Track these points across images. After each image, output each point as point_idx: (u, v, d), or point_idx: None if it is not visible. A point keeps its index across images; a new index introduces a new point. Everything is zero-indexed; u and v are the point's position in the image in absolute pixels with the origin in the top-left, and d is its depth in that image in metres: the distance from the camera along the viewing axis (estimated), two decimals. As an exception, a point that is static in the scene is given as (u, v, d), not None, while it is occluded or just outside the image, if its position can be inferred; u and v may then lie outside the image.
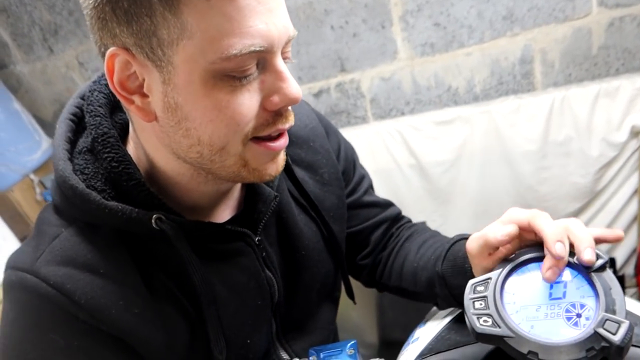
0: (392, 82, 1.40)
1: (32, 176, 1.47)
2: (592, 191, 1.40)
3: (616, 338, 0.43)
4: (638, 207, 1.41)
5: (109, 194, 0.53)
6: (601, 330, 0.44)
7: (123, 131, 0.59)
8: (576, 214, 1.43)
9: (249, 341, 0.62)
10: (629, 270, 1.46)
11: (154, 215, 0.52)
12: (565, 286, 0.48)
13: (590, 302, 0.47)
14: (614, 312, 0.45)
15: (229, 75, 0.46)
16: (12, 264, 0.53)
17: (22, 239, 1.34)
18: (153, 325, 0.54)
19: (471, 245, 0.58)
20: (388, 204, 0.82)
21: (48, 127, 1.61)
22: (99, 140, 0.54)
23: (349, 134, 1.48)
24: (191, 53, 0.45)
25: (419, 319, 0.74)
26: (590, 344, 0.44)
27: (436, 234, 0.77)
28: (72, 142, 0.57)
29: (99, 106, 0.56)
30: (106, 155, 0.53)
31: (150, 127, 0.52)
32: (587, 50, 1.25)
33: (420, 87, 1.39)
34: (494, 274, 0.51)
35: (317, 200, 0.69)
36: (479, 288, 0.51)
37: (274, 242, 0.65)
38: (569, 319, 0.46)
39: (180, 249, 0.54)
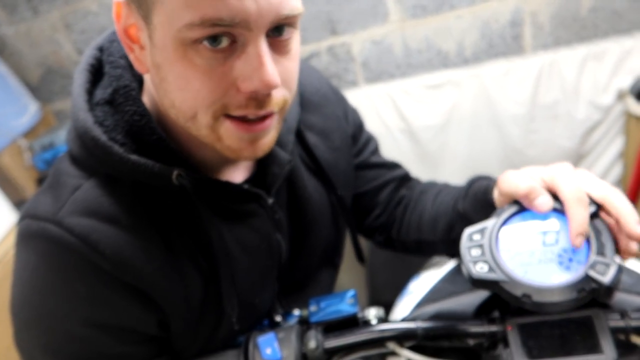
0: (383, 45, 1.39)
1: (20, 141, 1.45)
2: (578, 154, 1.43)
3: (605, 279, 0.45)
4: (622, 169, 1.45)
5: (130, 147, 0.52)
6: (591, 272, 0.46)
7: (140, 84, 0.58)
8: (562, 176, 1.46)
9: (257, 300, 0.64)
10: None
11: (175, 171, 0.52)
12: (558, 233, 0.51)
13: (582, 247, 0.49)
14: (603, 255, 0.47)
15: (201, 47, 0.45)
16: (32, 213, 0.53)
17: (16, 204, 1.33)
18: (171, 278, 0.55)
19: (515, 185, 0.55)
20: (395, 165, 0.83)
21: (35, 91, 1.58)
22: (121, 92, 0.53)
23: (339, 98, 1.48)
24: (164, 17, 0.45)
25: (409, 280, 0.76)
26: (582, 285, 0.46)
27: (447, 185, 0.78)
28: (91, 92, 0.56)
29: (120, 57, 0.55)
30: (128, 108, 0.53)
31: (147, 79, 0.52)
32: (576, 12, 1.25)
33: (411, 51, 1.39)
34: (489, 223, 0.53)
35: (327, 166, 0.69)
36: (475, 237, 0.53)
37: (284, 205, 0.66)
38: (561, 263, 0.49)
39: (199, 205, 0.54)
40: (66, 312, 0.52)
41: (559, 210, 0.51)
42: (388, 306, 0.76)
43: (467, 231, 0.53)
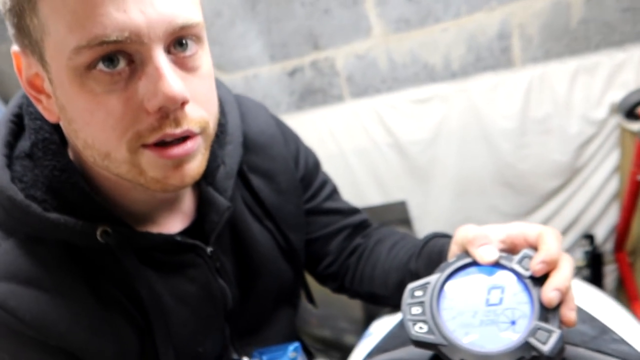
0: (367, 59, 1.36)
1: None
2: (572, 168, 1.38)
3: (546, 348, 0.42)
4: (618, 184, 1.39)
5: (50, 204, 0.50)
6: (532, 340, 0.42)
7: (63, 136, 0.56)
8: (556, 191, 1.42)
9: (200, 349, 0.61)
10: (609, 247, 1.45)
11: (99, 229, 0.50)
12: (502, 291, 0.47)
13: (525, 308, 0.45)
14: (547, 320, 0.44)
15: (96, 72, 0.42)
16: None
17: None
18: (103, 337, 0.53)
19: (465, 232, 0.52)
20: (352, 211, 0.79)
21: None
22: (39, 146, 0.51)
23: (325, 113, 1.45)
24: (53, 49, 0.42)
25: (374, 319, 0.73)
26: (521, 353, 0.43)
27: (406, 235, 0.74)
28: (12, 145, 0.53)
29: None
30: (47, 162, 0.50)
31: (62, 127, 0.50)
32: (566, 24, 1.21)
33: (396, 65, 1.35)
34: (432, 279, 0.50)
35: (273, 209, 0.67)
36: (417, 293, 0.49)
37: (228, 251, 0.63)
38: (503, 326, 0.45)
39: (127, 263, 0.52)
40: None
41: (507, 266, 0.48)
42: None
43: (410, 286, 0.50)
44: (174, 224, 0.59)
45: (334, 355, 1.76)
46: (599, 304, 0.62)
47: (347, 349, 0.90)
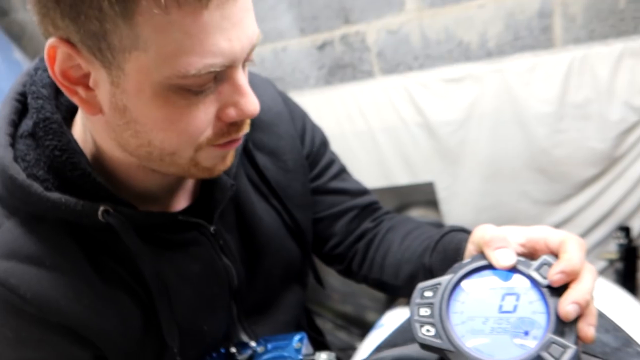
0: (399, 35, 1.31)
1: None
2: (611, 157, 1.31)
3: (558, 364, 0.39)
4: (660, 175, 1.32)
5: (52, 183, 0.50)
6: (544, 354, 0.40)
7: (69, 113, 0.55)
8: (592, 180, 1.35)
9: (205, 328, 0.61)
10: (645, 240, 1.39)
11: (101, 208, 0.50)
12: (517, 299, 0.45)
13: (540, 319, 0.43)
14: (562, 334, 0.41)
15: (183, 89, 0.44)
16: None
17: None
18: (105, 315, 0.53)
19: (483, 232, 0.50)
20: (360, 192, 0.77)
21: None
22: (41, 126, 0.51)
23: (354, 89, 1.42)
24: (144, 65, 0.42)
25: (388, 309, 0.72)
26: (531, 366, 0.41)
27: (420, 225, 0.72)
28: (17, 124, 0.53)
29: (42, 87, 0.52)
30: (48, 142, 0.50)
31: (96, 118, 0.49)
32: (614, 3, 1.12)
33: (429, 41, 1.30)
34: (444, 280, 0.47)
35: (279, 188, 0.66)
36: (427, 293, 0.47)
37: (233, 229, 0.63)
38: (515, 335, 0.43)
39: (128, 242, 0.52)
40: None
41: (524, 272, 0.45)
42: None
43: (420, 286, 0.48)
44: (178, 203, 0.59)
45: (355, 332, 1.78)
46: (626, 312, 0.59)
47: (368, 326, 0.90)
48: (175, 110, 0.45)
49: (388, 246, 0.71)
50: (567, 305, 0.41)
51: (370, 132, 1.47)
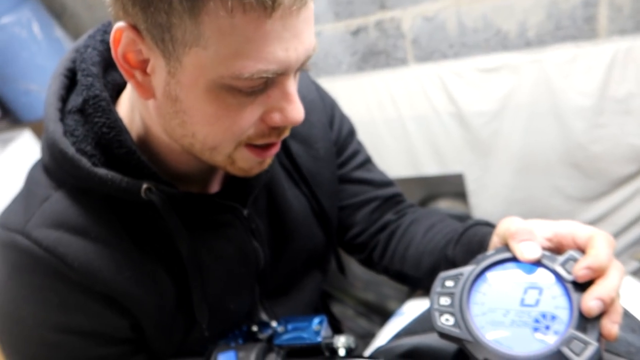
0: (435, 22, 1.28)
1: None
2: (652, 155, 1.26)
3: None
4: None
5: (99, 159, 0.52)
6: (565, 349, 0.40)
7: (116, 91, 0.57)
8: (630, 178, 1.31)
9: (232, 306, 0.63)
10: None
11: (144, 186, 0.51)
12: (540, 293, 0.44)
13: (563, 314, 0.42)
14: (585, 331, 0.40)
15: (236, 91, 0.45)
16: (3, 223, 0.54)
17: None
18: (144, 287, 0.55)
19: (508, 224, 0.50)
20: (384, 184, 0.77)
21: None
22: (90, 103, 0.52)
23: (386, 76, 1.40)
24: (202, 61, 0.43)
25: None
26: (551, 361, 0.40)
27: (445, 218, 0.72)
28: (65, 99, 0.55)
29: (92, 65, 0.54)
30: (97, 119, 0.52)
31: (148, 102, 0.51)
32: (665, -7, 1.07)
33: (466, 29, 1.27)
34: (466, 270, 0.47)
35: (310, 175, 0.67)
36: (448, 283, 0.47)
37: (263, 213, 0.65)
38: (536, 329, 0.42)
39: (168, 220, 0.54)
40: (40, 320, 0.53)
41: (549, 266, 0.44)
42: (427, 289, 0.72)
43: (441, 275, 0.48)
44: (213, 186, 0.60)
45: (376, 320, 1.78)
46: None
47: (389, 315, 0.90)
48: (224, 107, 0.46)
49: (411, 238, 0.71)
50: (590, 300, 0.40)
51: (400, 120, 1.46)
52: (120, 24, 0.45)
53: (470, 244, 0.60)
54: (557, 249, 0.47)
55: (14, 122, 1.60)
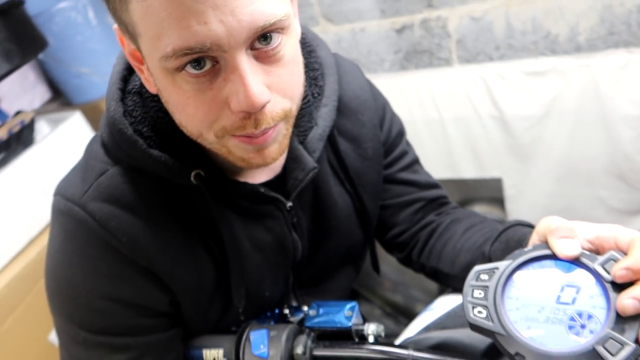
0: (482, 22, 1.26)
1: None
2: None
3: (614, 360, 0.38)
4: None
5: (154, 141, 0.54)
6: (600, 349, 0.39)
7: None
8: (679, 192, 1.26)
9: (267, 294, 0.65)
10: None
11: (194, 171, 0.54)
12: (577, 291, 0.43)
13: (600, 314, 0.41)
14: (622, 331, 0.39)
15: (184, 73, 0.44)
16: (62, 192, 0.57)
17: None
18: (186, 267, 0.57)
19: (549, 221, 0.49)
20: (429, 186, 0.77)
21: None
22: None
23: (429, 75, 1.39)
24: (145, 49, 0.45)
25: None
26: (585, 359, 0.39)
27: (486, 219, 0.71)
28: (127, 80, 0.58)
29: None
30: (154, 104, 0.54)
31: None
32: None
33: (514, 31, 1.25)
34: (502, 264, 0.47)
35: (356, 175, 0.67)
36: (483, 276, 0.47)
37: (307, 208, 0.66)
38: (571, 327, 0.42)
39: (213, 205, 0.55)
40: (88, 286, 0.56)
41: (588, 266, 0.44)
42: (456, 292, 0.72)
43: (476, 268, 0.48)
44: (259, 176, 0.61)
45: (402, 322, 1.77)
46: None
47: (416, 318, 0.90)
48: (183, 94, 0.46)
49: (450, 236, 0.71)
50: (626, 299, 0.39)
51: (440, 121, 1.44)
52: (114, 26, 0.49)
53: (508, 242, 0.59)
54: (597, 252, 0.46)
55: (64, 104, 1.67)
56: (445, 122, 1.44)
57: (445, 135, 1.46)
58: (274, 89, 0.46)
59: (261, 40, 0.44)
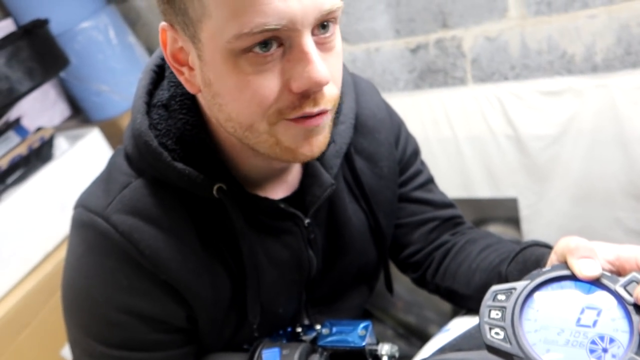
0: (498, 42, 1.27)
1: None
2: None
3: (638, 387, 0.37)
4: None
5: (178, 154, 0.55)
6: (623, 375, 0.38)
7: None
8: (700, 214, 1.23)
9: (281, 310, 0.65)
10: None
11: (217, 185, 0.54)
12: (598, 314, 0.42)
13: (622, 338, 0.40)
14: (646, 357, 0.38)
15: (251, 54, 0.45)
16: (84, 204, 0.57)
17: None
18: (204, 281, 0.58)
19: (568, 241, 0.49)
20: (444, 205, 0.77)
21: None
22: (177, 100, 0.55)
23: (443, 95, 1.39)
24: (212, 31, 0.45)
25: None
26: (607, 386, 0.38)
27: (502, 240, 0.71)
28: (152, 93, 0.59)
29: None
30: (181, 116, 0.55)
31: (201, 97, 0.54)
32: None
33: (529, 51, 1.25)
34: (520, 285, 0.46)
35: (371, 193, 0.67)
36: (500, 297, 0.46)
37: (322, 224, 0.66)
38: (592, 351, 0.41)
39: (234, 220, 0.56)
40: (107, 299, 0.56)
41: (609, 287, 0.43)
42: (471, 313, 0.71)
43: (493, 288, 0.47)
44: (277, 192, 0.62)
45: (415, 343, 1.74)
46: None
47: (429, 339, 0.88)
48: (243, 77, 0.46)
49: (465, 256, 0.70)
50: None
51: (455, 140, 1.44)
52: (162, 24, 0.49)
53: (526, 262, 0.58)
54: (618, 273, 0.45)
55: (83, 121, 1.70)
56: (459, 142, 1.44)
57: (460, 154, 1.45)
58: (329, 75, 0.48)
59: (320, 28, 0.46)
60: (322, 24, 0.47)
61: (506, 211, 1.52)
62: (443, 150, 1.47)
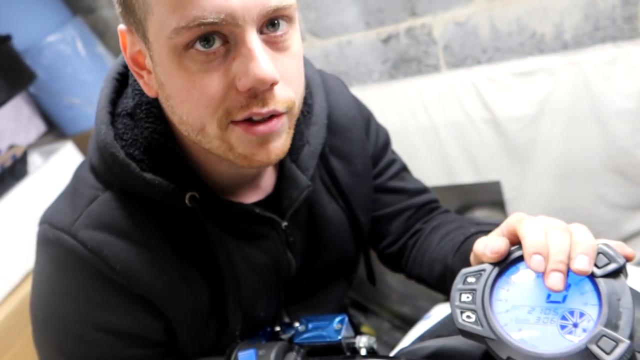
0: (467, 27, 1.26)
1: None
2: (703, 159, 1.19)
3: (609, 358, 0.36)
4: None
5: (147, 164, 0.53)
6: (593, 347, 0.37)
7: None
8: (680, 184, 1.24)
9: (262, 314, 0.64)
10: None
11: (188, 194, 0.52)
12: (567, 289, 0.42)
13: (592, 311, 0.40)
14: (616, 328, 0.38)
15: (193, 51, 0.44)
16: (50, 220, 0.55)
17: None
18: (180, 291, 0.56)
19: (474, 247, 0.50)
20: (418, 191, 0.76)
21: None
22: (142, 108, 0.54)
23: (418, 83, 1.39)
24: (155, 28, 0.44)
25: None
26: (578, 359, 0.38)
27: (461, 226, 0.70)
28: (115, 103, 0.57)
29: None
30: (148, 125, 0.53)
31: (160, 101, 0.52)
32: None
33: (499, 33, 1.24)
34: (488, 266, 0.45)
35: (348, 191, 0.67)
36: (470, 279, 0.45)
37: (301, 226, 0.65)
38: (563, 327, 0.40)
39: (209, 228, 0.54)
40: (80, 317, 0.55)
41: None
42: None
43: (463, 271, 0.46)
44: (251, 197, 0.60)
45: (411, 333, 1.74)
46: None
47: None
48: (189, 76, 0.45)
49: (428, 245, 0.71)
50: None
51: (433, 127, 1.44)
52: (119, 28, 0.49)
53: (466, 253, 0.58)
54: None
55: (59, 136, 1.68)
56: (438, 129, 1.43)
57: (439, 141, 1.45)
58: (281, 76, 0.46)
59: (269, 26, 0.45)
60: (272, 22, 0.45)
61: (491, 195, 1.52)
62: (423, 139, 1.47)
